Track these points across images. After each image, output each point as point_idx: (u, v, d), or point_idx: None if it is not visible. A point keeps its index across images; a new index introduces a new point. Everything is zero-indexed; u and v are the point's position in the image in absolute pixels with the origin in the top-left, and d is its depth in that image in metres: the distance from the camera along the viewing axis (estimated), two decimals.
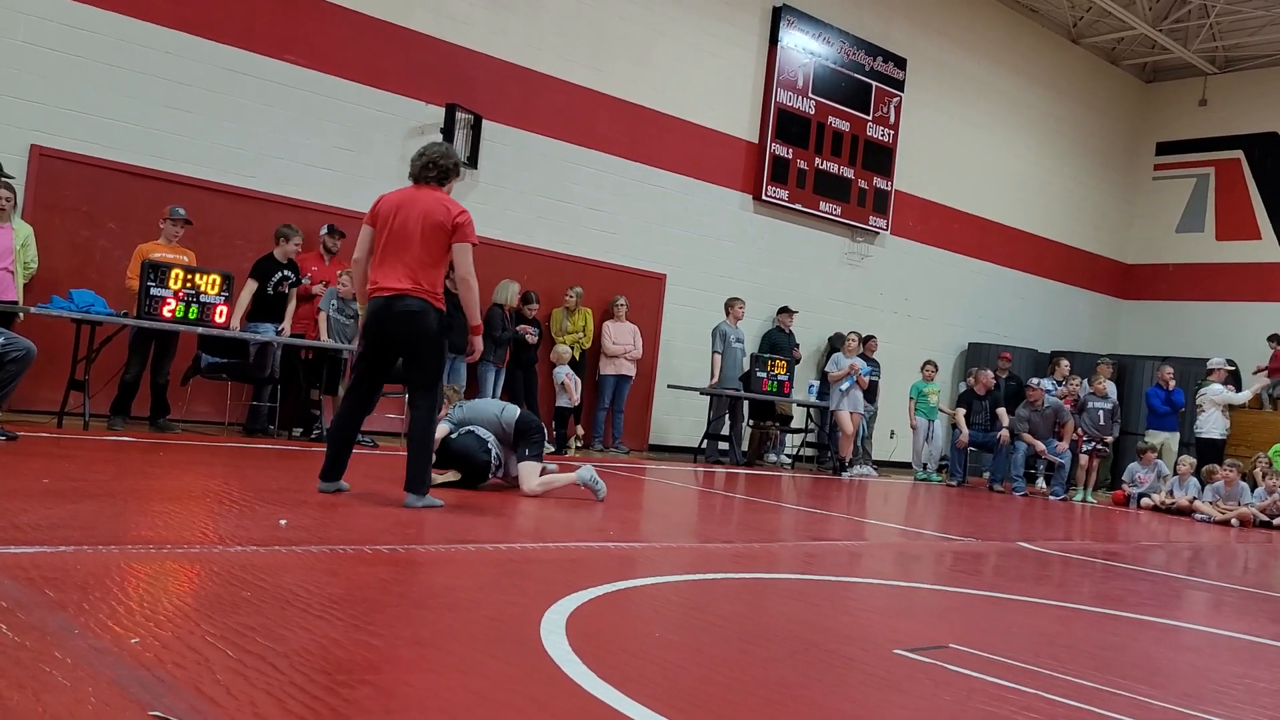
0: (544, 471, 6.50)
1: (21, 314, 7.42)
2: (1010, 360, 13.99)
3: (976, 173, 16.01)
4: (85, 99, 8.44)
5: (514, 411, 6.60)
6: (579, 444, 11.05)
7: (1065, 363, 13.67)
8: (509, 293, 10.30)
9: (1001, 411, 12.41)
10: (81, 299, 7.61)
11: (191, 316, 7.89)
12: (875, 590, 4.53)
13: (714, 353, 11.67)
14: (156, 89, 8.76)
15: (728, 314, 11.86)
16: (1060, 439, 12.00)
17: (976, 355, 15.43)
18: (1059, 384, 13.09)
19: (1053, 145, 17.36)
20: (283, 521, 4.38)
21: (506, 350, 10.32)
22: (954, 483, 12.53)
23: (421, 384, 5.32)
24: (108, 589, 2.92)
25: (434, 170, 5.41)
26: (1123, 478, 12.50)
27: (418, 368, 5.33)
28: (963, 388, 13.84)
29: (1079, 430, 12.15)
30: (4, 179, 7.37)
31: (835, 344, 13.32)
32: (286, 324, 8.86)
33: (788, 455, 13.08)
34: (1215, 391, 12.77)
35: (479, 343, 5.50)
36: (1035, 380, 12.68)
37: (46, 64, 8.26)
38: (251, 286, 8.70)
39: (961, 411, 12.60)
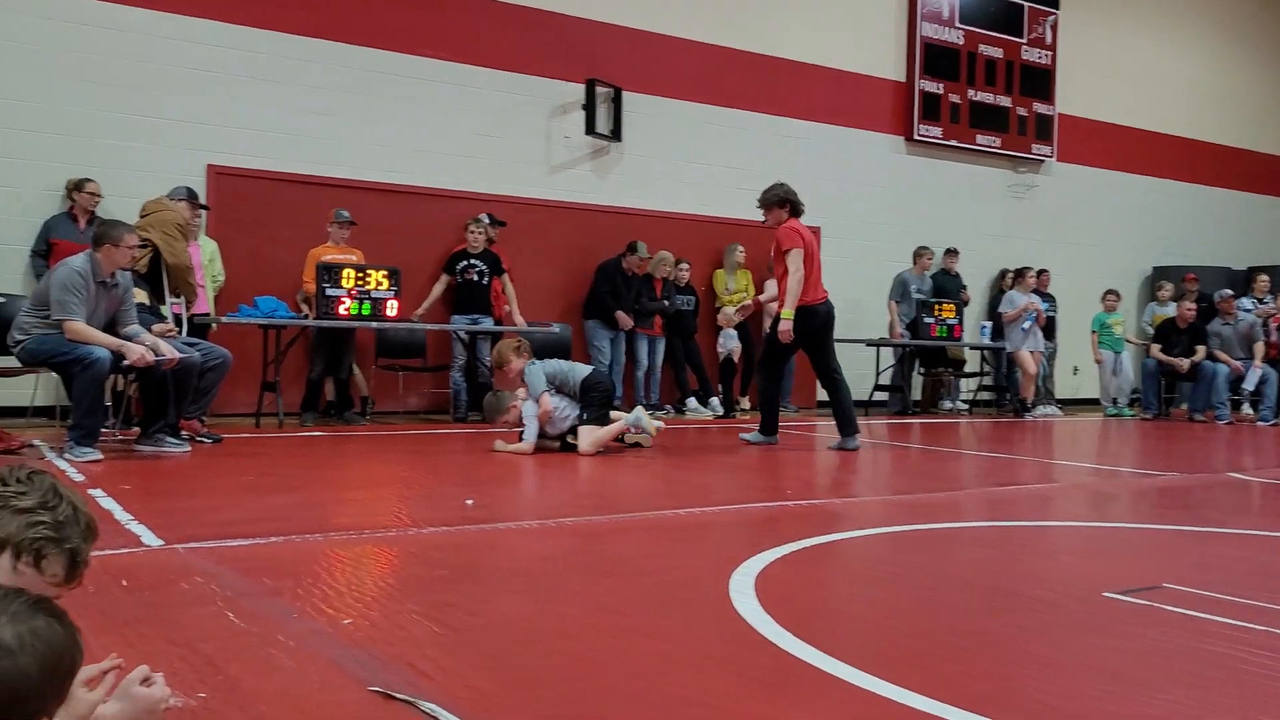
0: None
1: (214, 324, 7.92)
2: (1197, 281, 13.10)
3: (1148, 85, 15.00)
4: (249, 116, 8.89)
5: (584, 370, 6.90)
6: (745, 408, 11.02)
7: (1264, 278, 12.72)
8: (660, 262, 10.38)
9: (1202, 349, 11.60)
10: (265, 305, 8.06)
11: (365, 313, 8.24)
12: (1073, 532, 4.33)
13: (891, 302, 11.56)
14: (312, 99, 9.15)
15: (915, 263, 11.67)
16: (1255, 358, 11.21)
17: (1163, 280, 14.50)
18: (1260, 302, 12.19)
19: (1232, 46, 16.06)
20: (469, 502, 4.52)
21: (656, 319, 10.44)
22: (1149, 416, 11.86)
23: (835, 363, 7.35)
24: (317, 574, 3.08)
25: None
26: None
27: (831, 352, 7.35)
28: (1149, 315, 13.08)
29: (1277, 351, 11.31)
30: (201, 207, 7.93)
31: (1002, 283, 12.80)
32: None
33: (963, 401, 12.68)
34: None
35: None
36: (1226, 291, 11.84)
37: (213, 86, 8.74)
38: (443, 280, 9.25)
39: (1156, 347, 11.83)
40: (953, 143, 13.02)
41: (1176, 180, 15.36)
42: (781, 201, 7.36)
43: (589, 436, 6.58)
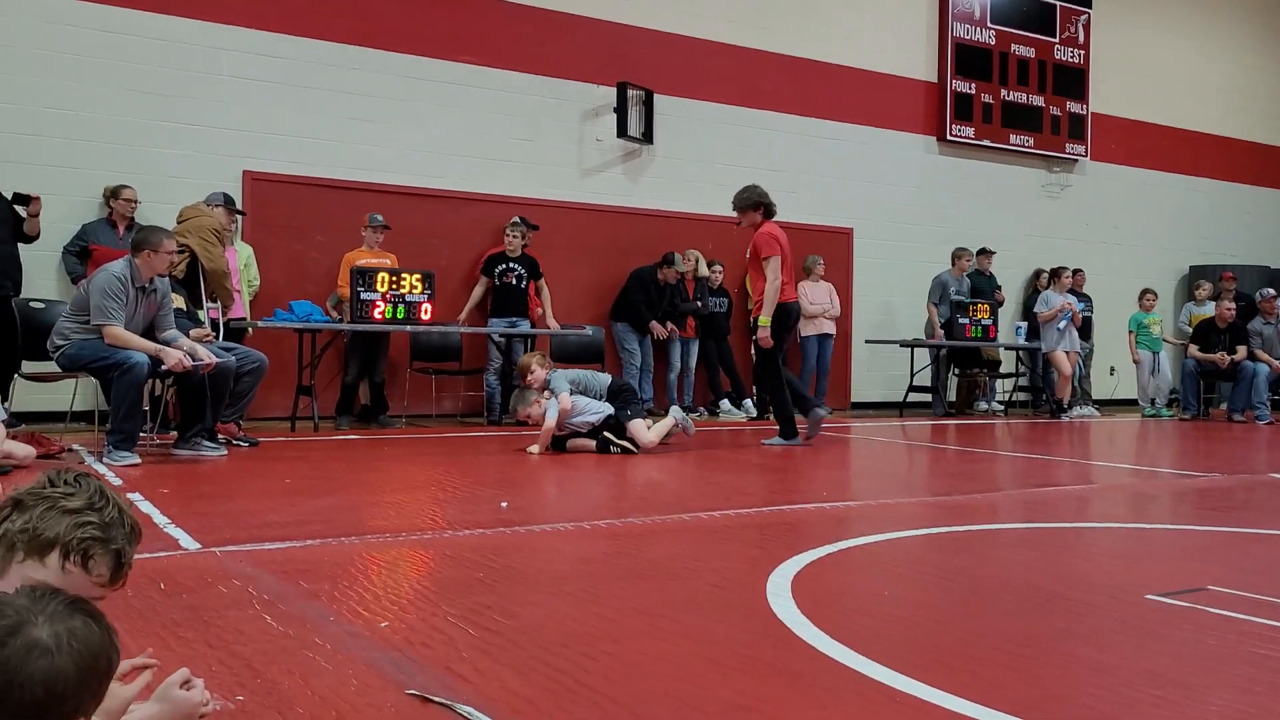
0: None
1: (250, 328, 7.98)
2: (1235, 279, 12.90)
3: (1183, 83, 14.80)
4: (284, 122, 8.96)
5: (606, 378, 7.25)
6: None
7: None
8: (689, 263, 10.36)
9: (1243, 349, 11.41)
10: (300, 309, 8.11)
11: (400, 316, 8.27)
12: (1113, 534, 4.27)
13: (930, 304, 11.46)
14: (346, 104, 9.21)
15: (953, 264, 11.60)
16: None
17: (1200, 279, 14.29)
18: None
19: (1266, 42, 15.80)
20: (504, 504, 4.53)
21: (689, 320, 10.42)
22: (1187, 416, 11.68)
23: (780, 361, 7.45)
24: (354, 577, 3.09)
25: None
26: None
27: (784, 351, 7.55)
28: (1185, 315, 12.88)
29: None
30: (237, 212, 8.00)
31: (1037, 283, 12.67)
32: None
33: (999, 402, 12.56)
34: None
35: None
36: (1269, 290, 11.64)
37: (248, 94, 8.82)
38: (482, 283, 9.31)
39: (1195, 347, 11.65)
40: (985, 143, 12.91)
41: (1212, 178, 15.15)
42: (756, 205, 7.45)
43: (648, 433, 6.74)
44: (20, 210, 7.27)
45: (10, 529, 1.65)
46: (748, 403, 10.53)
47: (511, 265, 9.30)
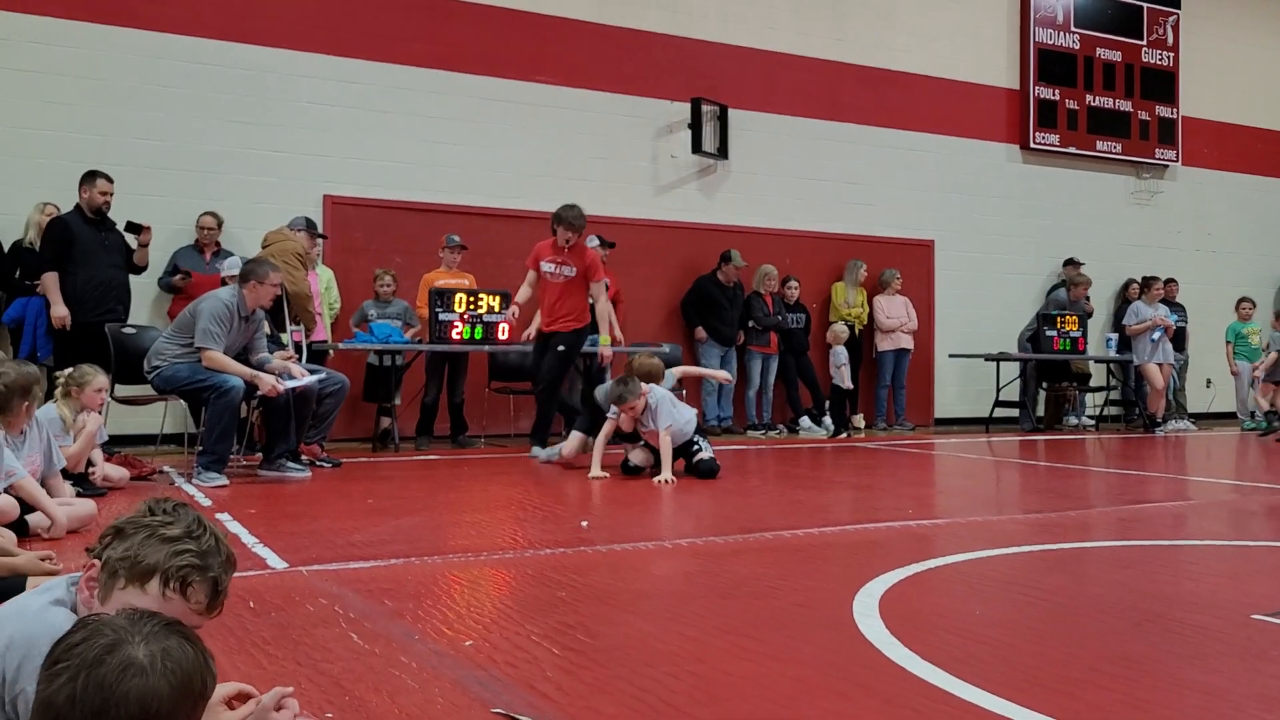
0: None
1: (331, 350, 8.13)
2: None
3: (1277, 82, 14.27)
4: (362, 146, 9.14)
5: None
6: (859, 426, 10.80)
7: None
8: (765, 277, 10.27)
9: None
10: (380, 331, 8.23)
11: (477, 336, 8.35)
12: (1214, 552, 4.09)
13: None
14: (423, 127, 9.35)
15: (1071, 289, 11.46)
16: None
17: None
18: None
19: None
20: (584, 523, 4.52)
21: (771, 336, 10.32)
22: None
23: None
24: (437, 596, 3.10)
25: None
26: None
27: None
28: None
29: None
30: (319, 236, 8.16)
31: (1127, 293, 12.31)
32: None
33: (1089, 417, 12.20)
34: None
35: None
36: None
37: (327, 119, 9.01)
38: None
39: None
40: (1071, 150, 12.60)
41: None
42: (584, 228, 7.59)
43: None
44: (130, 240, 7.45)
45: (112, 556, 1.69)
46: (827, 419, 10.40)
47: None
